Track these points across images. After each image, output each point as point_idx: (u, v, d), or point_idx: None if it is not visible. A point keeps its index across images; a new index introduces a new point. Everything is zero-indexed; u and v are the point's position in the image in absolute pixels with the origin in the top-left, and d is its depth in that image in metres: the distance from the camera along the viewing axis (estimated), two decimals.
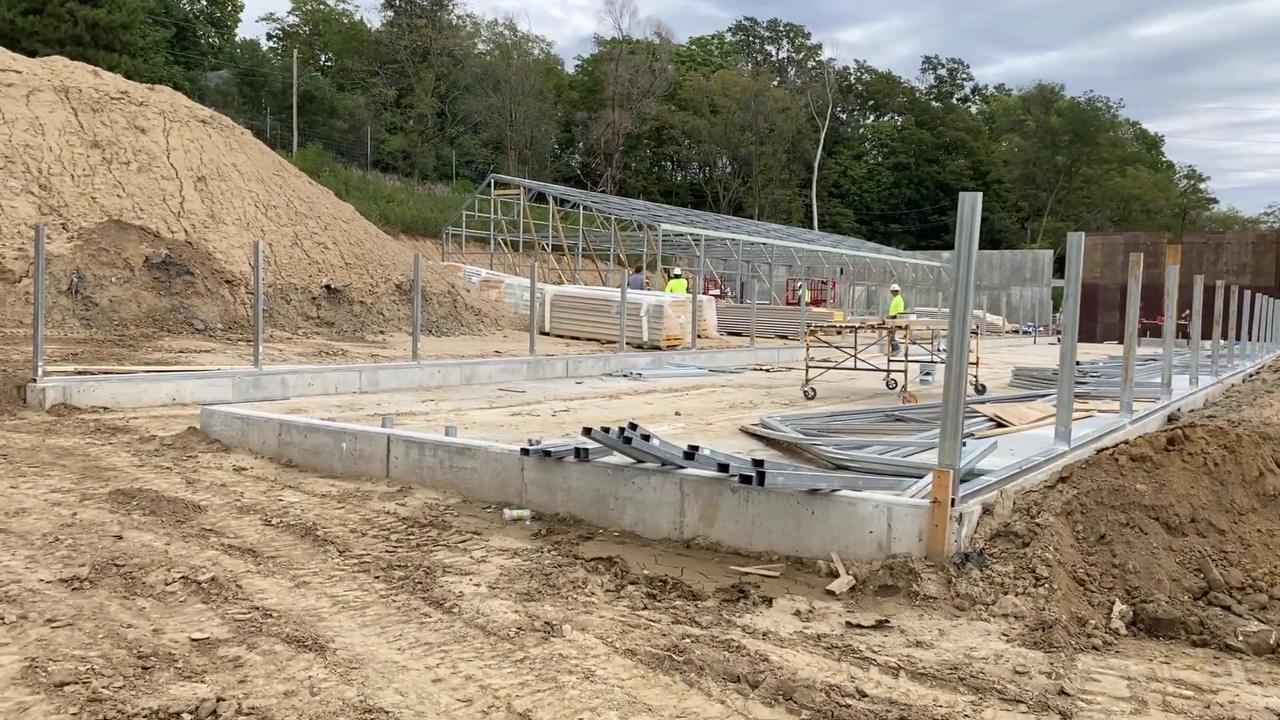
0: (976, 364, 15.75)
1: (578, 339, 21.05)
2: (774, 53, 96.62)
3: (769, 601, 4.66)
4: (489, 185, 34.94)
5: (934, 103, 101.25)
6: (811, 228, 72.72)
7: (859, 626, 4.32)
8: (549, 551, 5.41)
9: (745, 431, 10.46)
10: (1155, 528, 4.80)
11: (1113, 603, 4.49)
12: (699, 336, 21.61)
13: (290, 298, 17.18)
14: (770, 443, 9.54)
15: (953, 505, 4.82)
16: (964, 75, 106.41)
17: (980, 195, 4.76)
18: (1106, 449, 5.20)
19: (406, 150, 56.62)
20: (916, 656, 3.99)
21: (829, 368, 15.48)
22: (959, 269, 4.85)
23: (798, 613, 4.50)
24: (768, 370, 19.59)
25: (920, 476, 7.21)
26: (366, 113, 56.79)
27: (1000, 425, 11.26)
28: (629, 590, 4.77)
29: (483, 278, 25.98)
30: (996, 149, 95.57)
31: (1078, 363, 22.34)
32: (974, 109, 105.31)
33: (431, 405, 11.99)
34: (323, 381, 12.44)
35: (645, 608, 4.53)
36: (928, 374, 17.46)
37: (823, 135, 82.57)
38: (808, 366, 14.75)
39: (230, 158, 19.04)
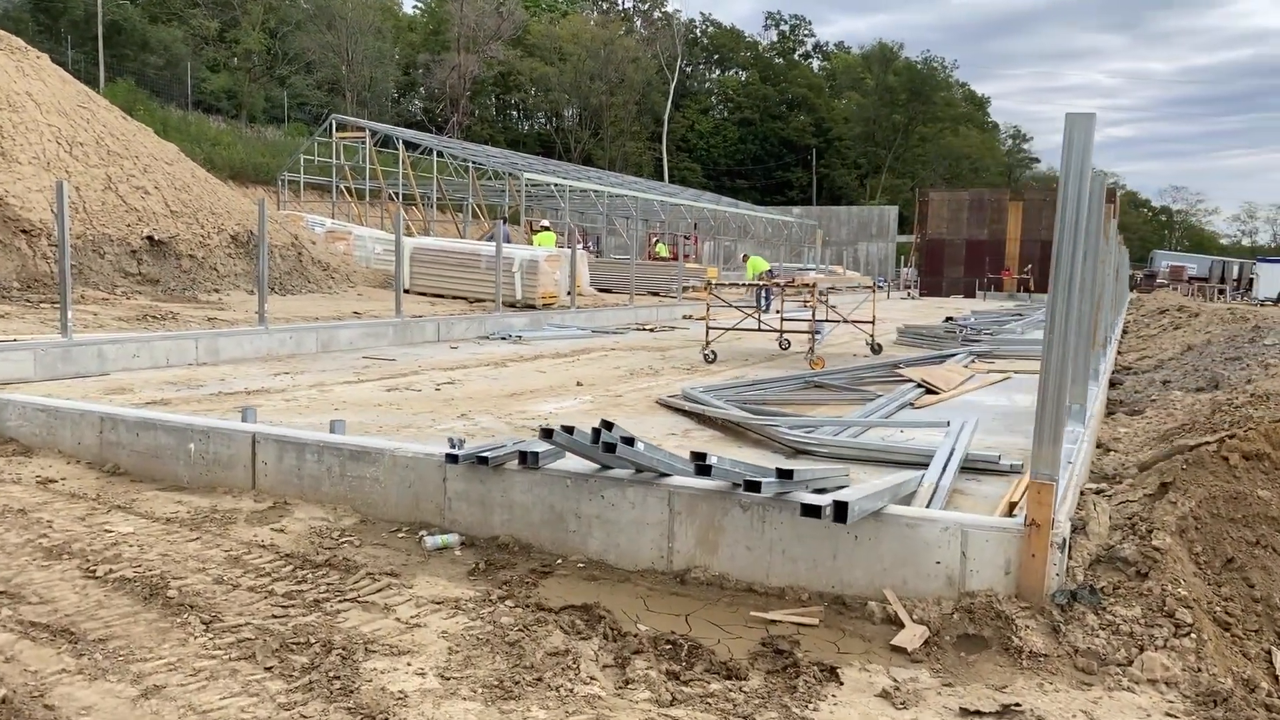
0: (873, 322, 15.01)
1: (442, 297, 19.21)
2: (620, 1, 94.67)
3: (832, 673, 3.39)
4: (329, 128, 31.99)
5: (777, 59, 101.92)
6: (662, 181, 71.76)
7: (979, 715, 3.11)
8: (501, 601, 3.97)
9: (665, 405, 9.18)
10: None
11: (1269, 652, 3.46)
12: (575, 293, 20.14)
13: (105, 251, 14.64)
14: (702, 419, 8.30)
15: (1054, 527, 3.68)
16: (806, 32, 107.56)
17: (1094, 116, 3.57)
18: (1207, 443, 4.16)
19: (232, 90, 51.97)
20: None
21: (734, 329, 14.36)
22: (1065, 215, 3.65)
23: (883, 693, 3.25)
24: (651, 330, 18.38)
25: (916, 465, 6.13)
26: (185, 47, 51.66)
27: (930, 392, 10.42)
28: (637, 666, 3.40)
29: (328, 228, 23.56)
30: (837, 106, 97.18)
31: (949, 318, 22.23)
32: (815, 65, 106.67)
33: (287, 379, 10.14)
34: (150, 352, 10.34)
35: (673, 700, 3.17)
36: (818, 334, 16.64)
37: (672, 87, 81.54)
38: (708, 328, 13.59)
39: (23, 85, 16.08)
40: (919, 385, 10.47)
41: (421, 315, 15.32)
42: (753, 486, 3.90)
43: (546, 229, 23.61)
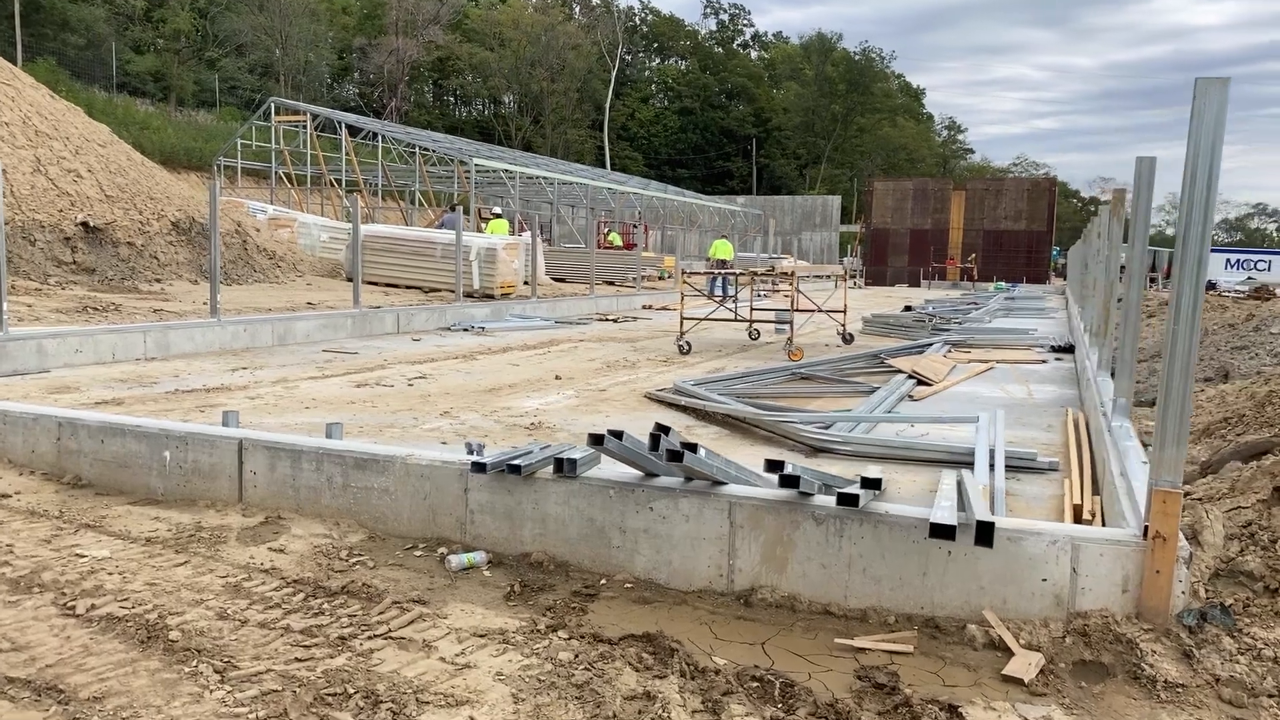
0: (844, 312, 14.73)
1: (395, 286, 18.46)
2: None
3: (954, 713, 2.98)
4: (267, 111, 30.76)
5: (716, 48, 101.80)
6: (604, 169, 71.08)
7: None
8: (552, 631, 3.49)
9: (656, 400, 8.73)
10: None
11: None
12: (527, 284, 19.56)
13: (35, 238, 13.66)
14: (701, 415, 7.86)
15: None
16: (745, 21, 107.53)
17: (1228, 82, 3.19)
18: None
19: (159, 72, 49.97)
20: None
21: (707, 319, 13.94)
22: (1194, 195, 3.27)
23: None
24: (615, 320, 17.89)
25: (952, 464, 5.77)
26: (108, 27, 49.51)
27: (923, 383, 10.12)
28: (733, 711, 2.95)
29: (270, 215, 22.55)
30: (777, 97, 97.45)
31: (908, 307, 22.13)
32: (754, 55, 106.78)
33: (247, 375, 9.46)
34: (95, 347, 9.57)
35: None
36: (783, 324, 16.33)
37: (613, 75, 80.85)
38: (682, 318, 13.15)
39: None
40: (911, 376, 10.18)
41: (380, 306, 14.63)
42: (848, 500, 3.47)
43: (499, 216, 22.93)
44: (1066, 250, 59.50)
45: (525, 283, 19.40)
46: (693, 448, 3.74)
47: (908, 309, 21.20)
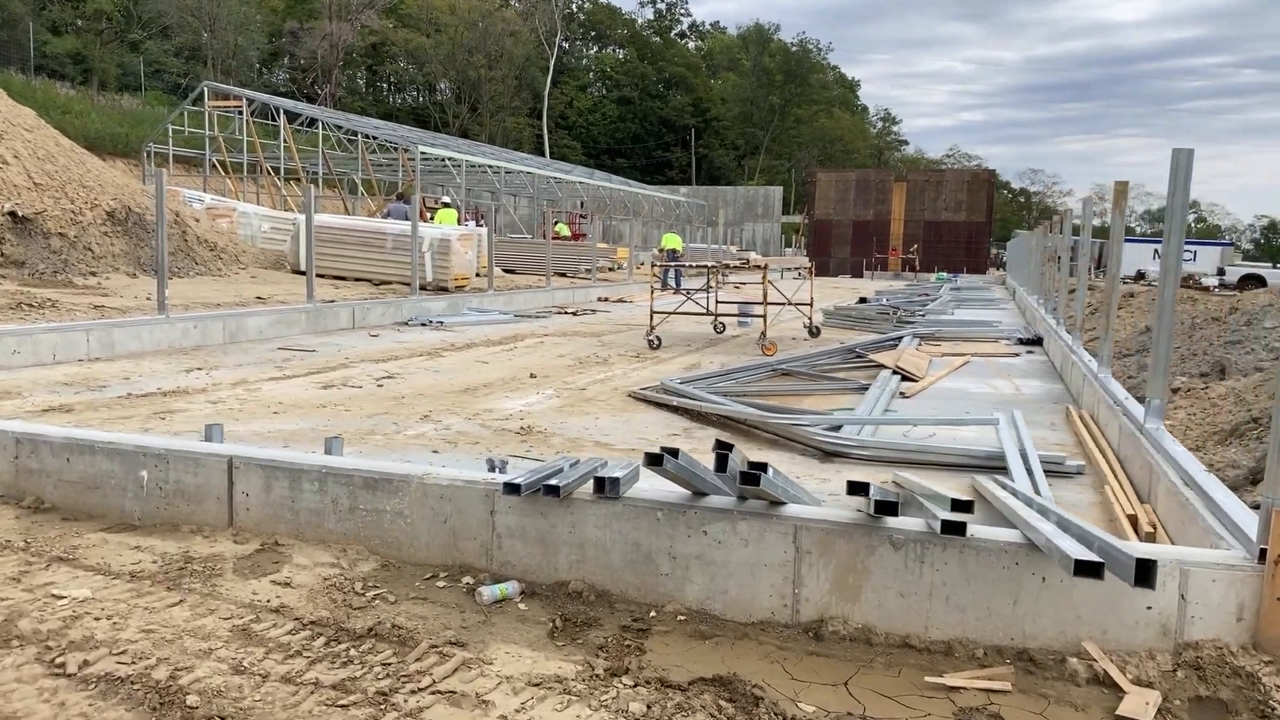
0: (811, 305, 14.52)
1: (343, 279, 17.76)
2: None
3: None
4: (201, 96, 29.50)
5: (654, 38, 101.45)
6: (545, 158, 70.28)
7: None
8: (614, 677, 3.11)
9: (642, 400, 8.38)
10: None
11: None
12: (480, 276, 19.03)
13: None
14: (697, 416, 7.52)
15: None
16: (682, 10, 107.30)
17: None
18: None
19: (79, 53, 47.86)
20: None
21: (679, 313, 13.60)
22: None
23: None
24: (574, 313, 17.47)
25: (978, 468, 5.52)
26: (24, 6, 47.24)
27: (908, 380, 9.92)
28: None
29: (207, 205, 21.59)
30: (715, 87, 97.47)
31: (863, 299, 22.07)
32: (692, 45, 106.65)
33: (204, 377, 8.87)
34: (33, 347, 8.87)
35: None
36: (746, 317, 16.08)
37: (552, 62, 79.96)
38: (653, 312, 12.80)
39: None
40: (896, 372, 9.97)
41: (333, 300, 14.00)
42: (953, 528, 3.15)
43: (448, 205, 22.28)
44: (1003, 242, 60.54)
45: (478, 275, 18.86)
46: (763, 468, 3.39)
47: (863, 300, 21.15)
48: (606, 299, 21.30)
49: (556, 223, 31.49)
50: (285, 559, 4.04)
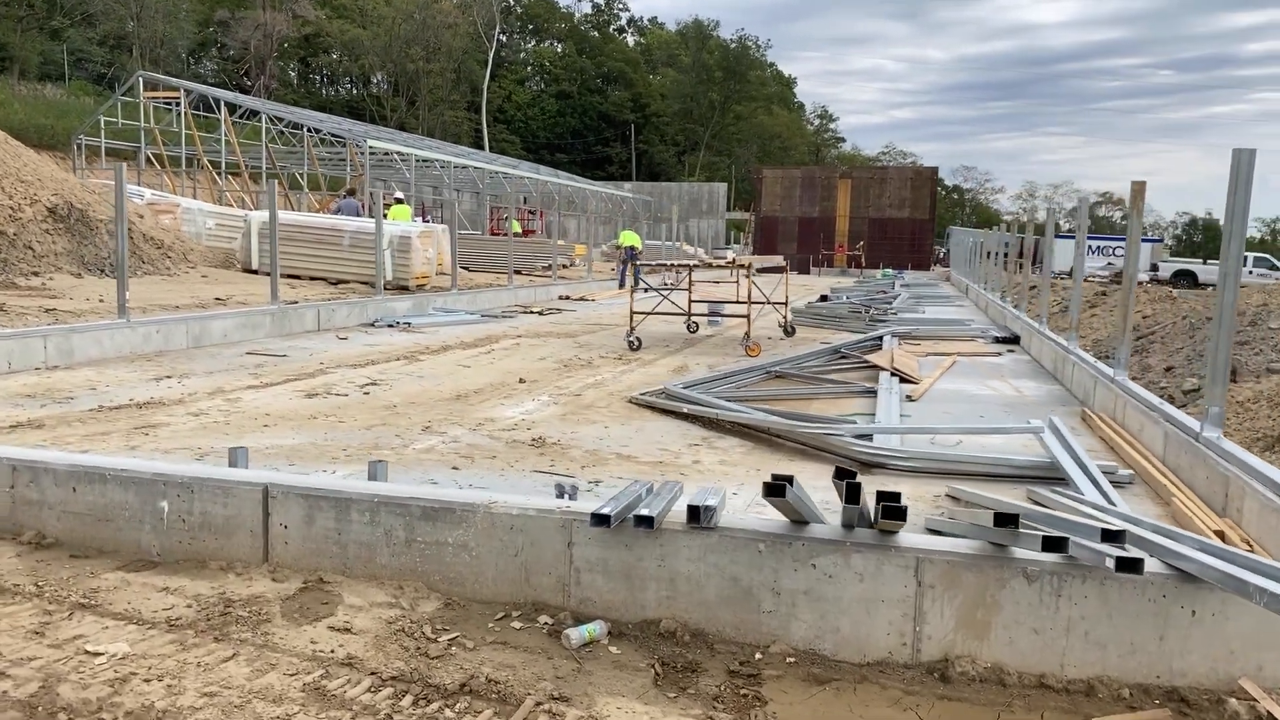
0: (786, 304, 14.35)
1: (298, 278, 17.08)
2: None
3: None
4: (134, 87, 28.26)
5: (593, 32, 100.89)
6: (485, 152, 69.31)
7: None
8: None
9: (646, 406, 8.05)
10: None
11: None
12: (441, 274, 18.50)
13: None
14: (710, 424, 7.23)
15: None
16: (620, 6, 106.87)
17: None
18: None
19: None
20: None
21: (660, 314, 13.29)
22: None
23: None
24: (540, 313, 17.05)
25: (1032, 479, 5.32)
26: None
27: (906, 382, 9.76)
28: None
29: (148, 200, 20.63)
30: (654, 82, 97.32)
31: (824, 296, 22.01)
32: (631, 41, 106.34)
33: (176, 385, 8.31)
34: None
35: None
36: (716, 317, 15.86)
37: (491, 55, 78.89)
38: (632, 312, 12.47)
39: None
40: (893, 374, 9.80)
41: (296, 301, 13.39)
42: (1129, 565, 2.90)
43: (400, 202, 21.66)
44: (937, 238, 61.39)
45: (438, 273, 18.33)
46: (896, 500, 3.11)
47: (824, 298, 21.07)
48: (568, 297, 20.91)
49: (507, 218, 30.93)
50: (335, 599, 3.65)
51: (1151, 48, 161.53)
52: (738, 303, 13.23)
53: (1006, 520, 3.10)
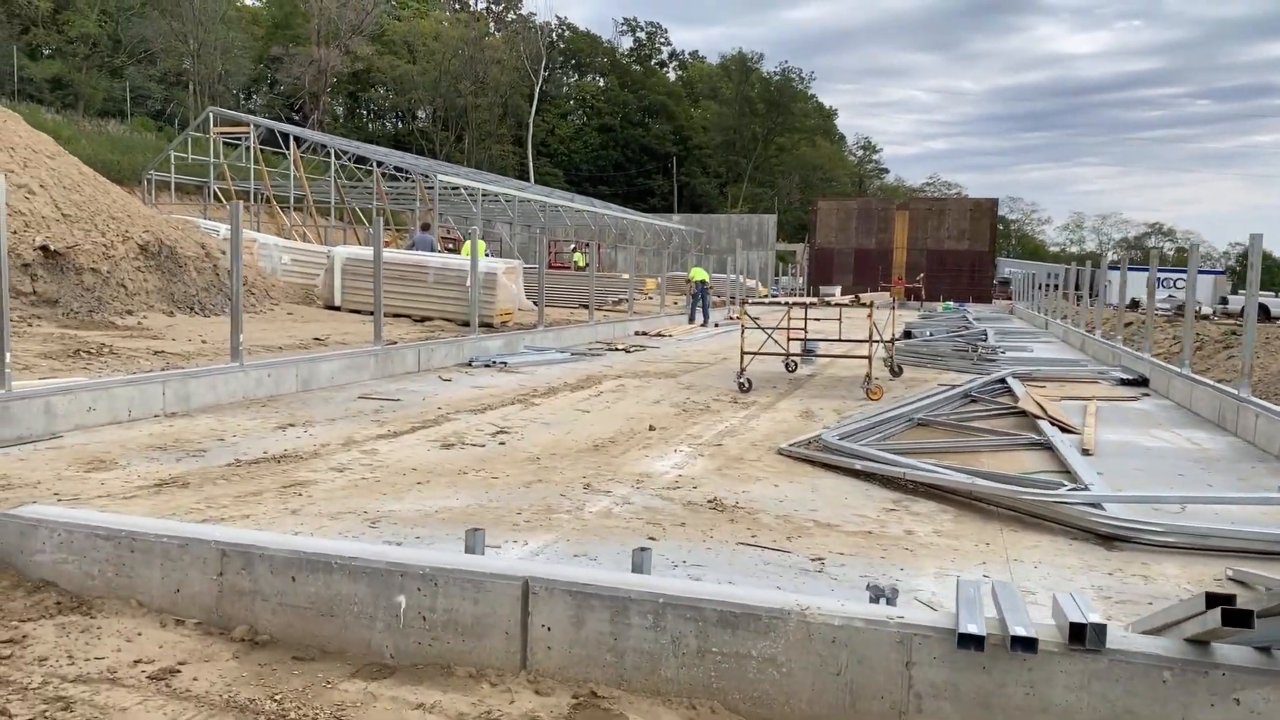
0: (892, 343, 13.71)
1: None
2: (473, 2, 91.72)
3: None
4: (204, 123, 28.38)
5: (635, 66, 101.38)
6: (539, 185, 69.49)
7: None
8: None
9: (797, 458, 7.44)
10: None
11: None
12: (523, 311, 18.09)
13: None
14: (887, 482, 6.62)
15: None
16: (662, 39, 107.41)
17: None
18: None
19: (61, 78, 46.48)
20: None
21: (771, 352, 12.72)
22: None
23: None
24: (625, 350, 16.55)
25: None
26: (4, 30, 45.87)
27: (1065, 431, 9.08)
28: None
29: (223, 235, 20.47)
30: (696, 115, 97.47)
31: (907, 333, 21.29)
32: (672, 75, 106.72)
33: (302, 435, 7.85)
34: (110, 402, 7.81)
35: None
36: (811, 356, 15.16)
37: (537, 89, 79.40)
38: (743, 353, 11.92)
39: None
40: (1053, 423, 9.12)
41: (395, 341, 12.99)
42: None
43: (467, 237, 21.31)
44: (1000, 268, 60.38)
45: (520, 309, 17.93)
46: None
47: (908, 334, 20.37)
48: (644, 332, 20.42)
49: (575, 251, 30.62)
50: None
51: (1188, 76, 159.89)
52: (853, 341, 12.61)
53: None
